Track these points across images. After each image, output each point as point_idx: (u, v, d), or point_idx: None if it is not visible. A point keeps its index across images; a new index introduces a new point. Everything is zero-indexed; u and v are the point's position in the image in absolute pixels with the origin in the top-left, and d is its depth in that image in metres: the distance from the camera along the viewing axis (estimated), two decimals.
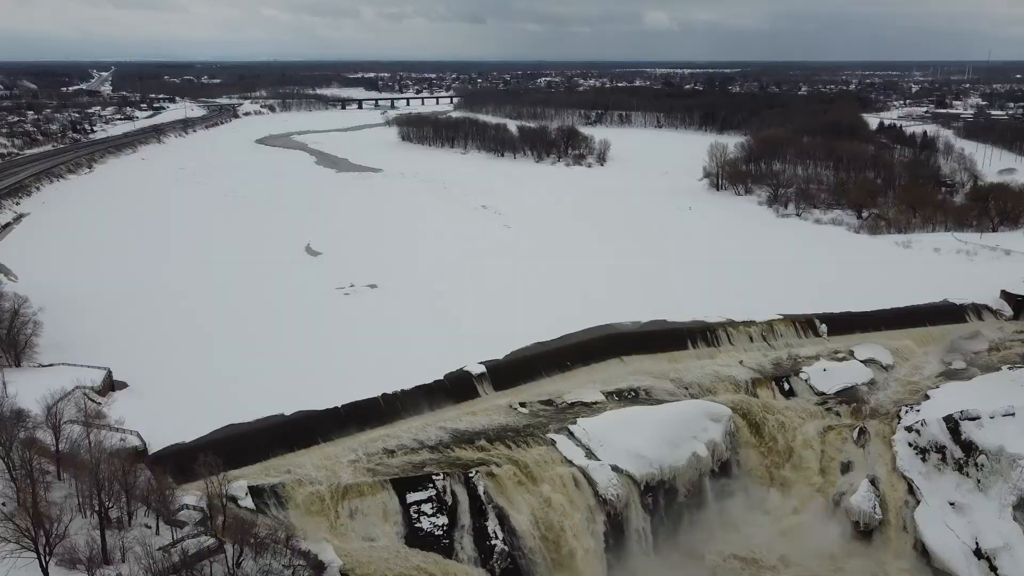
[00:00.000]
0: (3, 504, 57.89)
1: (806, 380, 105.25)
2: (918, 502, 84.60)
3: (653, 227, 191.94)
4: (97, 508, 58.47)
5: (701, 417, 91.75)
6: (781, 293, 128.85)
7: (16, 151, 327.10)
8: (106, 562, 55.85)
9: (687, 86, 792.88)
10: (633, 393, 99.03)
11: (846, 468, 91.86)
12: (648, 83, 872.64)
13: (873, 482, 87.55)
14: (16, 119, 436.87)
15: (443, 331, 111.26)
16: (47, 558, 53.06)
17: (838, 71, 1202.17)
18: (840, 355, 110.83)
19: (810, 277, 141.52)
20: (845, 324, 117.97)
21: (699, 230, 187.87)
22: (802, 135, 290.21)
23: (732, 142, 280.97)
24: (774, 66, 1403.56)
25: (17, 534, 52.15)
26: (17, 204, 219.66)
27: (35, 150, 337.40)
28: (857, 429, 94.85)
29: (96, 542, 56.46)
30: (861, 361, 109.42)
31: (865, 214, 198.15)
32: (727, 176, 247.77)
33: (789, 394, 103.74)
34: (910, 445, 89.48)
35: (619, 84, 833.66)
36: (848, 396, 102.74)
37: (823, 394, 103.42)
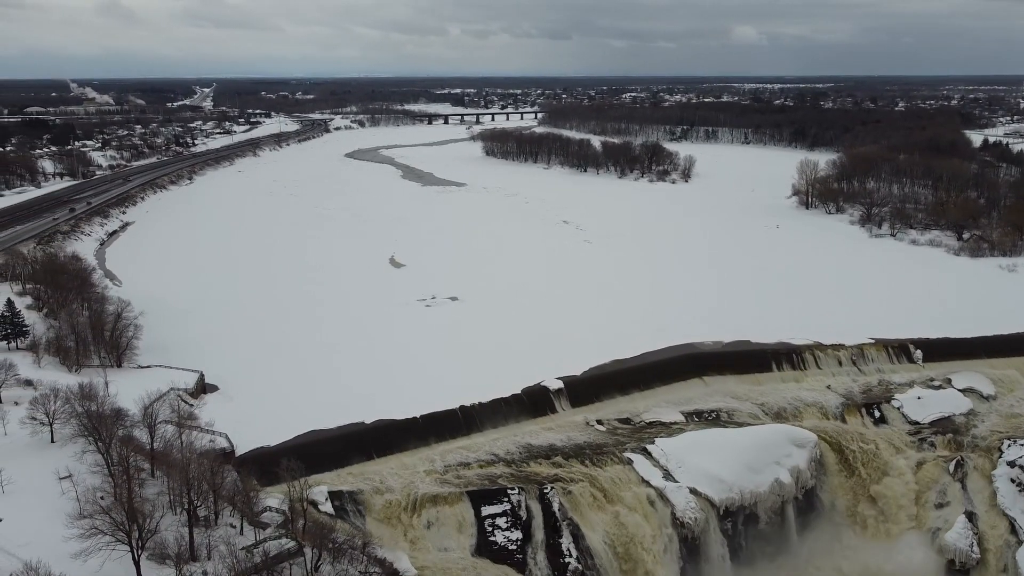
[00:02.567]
0: (101, 498, 60.90)
1: (899, 408, 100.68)
2: (1020, 542, 79.62)
3: (738, 245, 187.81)
4: (186, 506, 60.89)
5: (785, 442, 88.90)
6: (873, 316, 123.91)
7: (124, 163, 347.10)
8: (193, 559, 57.93)
9: (776, 101, 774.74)
10: (713, 415, 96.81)
11: (941, 503, 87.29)
12: (736, 98, 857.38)
13: (970, 519, 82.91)
14: (125, 133, 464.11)
15: (521, 345, 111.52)
16: (139, 552, 55.44)
17: (938, 86, 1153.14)
18: (936, 383, 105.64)
19: (904, 300, 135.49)
20: (942, 350, 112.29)
21: (786, 249, 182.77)
22: (898, 152, 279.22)
23: (823, 159, 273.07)
24: (869, 81, 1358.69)
25: (113, 527, 54.71)
26: (124, 213, 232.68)
27: (141, 162, 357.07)
28: (954, 462, 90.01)
29: (184, 539, 58.63)
30: (959, 390, 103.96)
31: (966, 235, 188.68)
32: (817, 194, 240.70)
33: (880, 422, 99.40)
34: (1012, 481, 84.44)
35: (705, 99, 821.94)
36: (944, 427, 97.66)
37: (917, 423, 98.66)
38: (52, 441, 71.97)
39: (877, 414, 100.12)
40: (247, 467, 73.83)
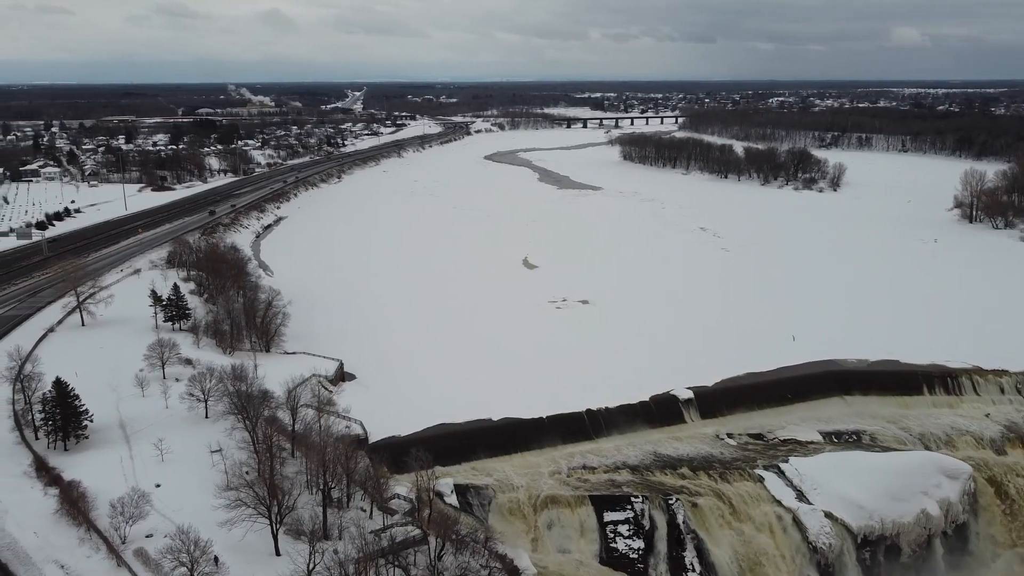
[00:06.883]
0: (247, 472, 65.07)
1: None
2: None
3: (889, 258, 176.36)
4: (322, 487, 64.00)
5: (934, 472, 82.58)
6: None
7: (280, 161, 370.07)
8: (325, 537, 60.76)
9: (939, 107, 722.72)
10: (855, 436, 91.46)
11: None
12: (894, 103, 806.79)
13: None
14: (283, 133, 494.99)
15: (651, 352, 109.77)
16: (277, 526, 58.86)
17: None
18: None
19: None
20: None
21: (945, 265, 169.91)
22: None
23: (991, 169, 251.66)
24: None
25: (255, 501, 58.36)
26: (278, 208, 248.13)
27: (295, 161, 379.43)
28: None
29: (318, 518, 61.71)
30: None
31: None
32: (983, 207, 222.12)
33: None
34: None
35: (859, 104, 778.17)
36: None
37: None
38: (206, 416, 77.65)
39: None
40: (379, 454, 76.55)
